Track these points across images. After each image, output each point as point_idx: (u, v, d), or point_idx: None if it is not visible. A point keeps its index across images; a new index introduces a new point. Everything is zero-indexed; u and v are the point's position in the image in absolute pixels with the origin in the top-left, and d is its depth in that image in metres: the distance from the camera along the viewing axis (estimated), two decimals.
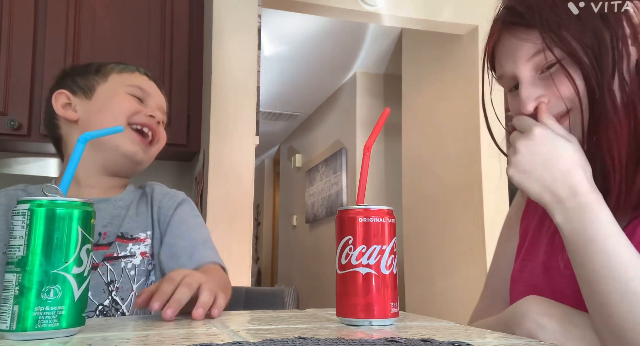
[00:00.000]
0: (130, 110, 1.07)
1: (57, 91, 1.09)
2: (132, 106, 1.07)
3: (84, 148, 0.61)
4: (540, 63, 0.74)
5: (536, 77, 0.76)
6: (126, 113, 1.06)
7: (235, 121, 1.96)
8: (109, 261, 1.00)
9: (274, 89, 4.79)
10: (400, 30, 3.68)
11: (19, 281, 0.51)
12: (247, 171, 1.95)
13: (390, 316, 0.60)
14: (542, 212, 0.84)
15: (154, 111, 1.10)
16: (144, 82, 1.13)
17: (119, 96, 1.08)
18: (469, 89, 2.73)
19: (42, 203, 0.53)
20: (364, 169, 0.64)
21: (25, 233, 0.52)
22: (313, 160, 5.40)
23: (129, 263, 1.02)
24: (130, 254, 1.03)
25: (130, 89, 1.09)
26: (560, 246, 0.77)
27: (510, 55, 0.77)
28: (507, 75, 0.79)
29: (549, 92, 0.74)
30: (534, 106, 0.75)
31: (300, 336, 0.50)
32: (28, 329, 0.50)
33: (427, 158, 3.20)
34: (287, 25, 3.59)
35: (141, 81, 1.12)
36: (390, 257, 0.61)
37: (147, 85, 1.12)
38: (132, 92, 1.09)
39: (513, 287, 0.84)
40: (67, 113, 1.07)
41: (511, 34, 0.76)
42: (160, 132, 1.12)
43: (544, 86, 0.75)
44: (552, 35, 0.72)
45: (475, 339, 0.51)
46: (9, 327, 0.50)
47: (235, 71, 1.99)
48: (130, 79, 1.11)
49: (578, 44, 0.71)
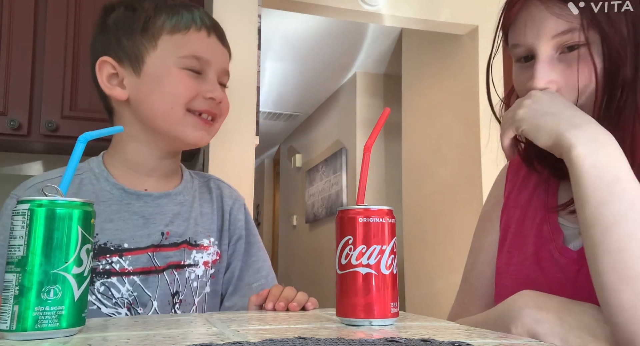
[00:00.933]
0: (186, 96, 0.91)
1: (101, 59, 0.92)
2: (188, 89, 0.91)
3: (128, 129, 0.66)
4: (565, 42, 0.71)
5: (555, 57, 0.72)
6: (182, 100, 0.90)
7: (235, 121, 1.96)
8: (176, 269, 0.92)
9: (274, 89, 4.79)
10: (400, 31, 3.68)
11: (19, 281, 0.51)
12: (247, 171, 1.95)
13: (390, 316, 0.60)
14: (525, 202, 0.83)
15: (214, 89, 0.93)
16: (201, 44, 0.93)
17: (172, 74, 0.90)
18: (469, 89, 2.72)
19: (42, 202, 0.52)
20: (364, 169, 0.64)
21: (26, 233, 0.52)
22: (313, 160, 5.40)
23: (192, 273, 0.94)
24: (194, 264, 0.94)
25: (184, 61, 0.91)
26: (551, 235, 0.76)
27: (535, 26, 0.72)
28: (523, 46, 0.75)
29: (563, 79, 0.72)
30: (545, 85, 0.72)
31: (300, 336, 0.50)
32: (28, 329, 0.50)
33: (427, 158, 3.20)
34: (287, 25, 3.59)
35: (198, 43, 0.93)
36: (390, 257, 0.61)
37: (205, 48, 0.93)
38: (188, 66, 0.91)
39: (499, 281, 0.83)
40: (115, 91, 0.92)
41: (543, 4, 0.71)
42: (223, 106, 0.97)
43: (561, 70, 0.72)
44: (592, 18, 0.68)
45: (476, 339, 0.51)
46: (9, 327, 0.50)
47: (235, 71, 1.98)
48: (184, 43, 0.92)
49: (616, 33, 0.68)
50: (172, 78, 0.90)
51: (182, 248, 0.93)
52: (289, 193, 6.36)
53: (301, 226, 5.72)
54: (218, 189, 1.05)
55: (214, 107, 0.94)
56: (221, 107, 0.96)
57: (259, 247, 1.05)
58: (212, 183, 1.06)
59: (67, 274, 0.52)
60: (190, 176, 1.04)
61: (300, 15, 2.85)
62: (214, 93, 0.93)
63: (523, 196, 0.85)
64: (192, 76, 0.92)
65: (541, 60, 0.72)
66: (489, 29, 2.76)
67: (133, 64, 0.91)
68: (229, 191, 1.06)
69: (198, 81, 0.92)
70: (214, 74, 0.94)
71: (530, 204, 0.83)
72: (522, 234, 0.81)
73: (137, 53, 0.91)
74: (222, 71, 0.97)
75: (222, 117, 0.98)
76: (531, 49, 0.74)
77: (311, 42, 3.87)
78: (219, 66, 0.95)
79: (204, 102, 0.93)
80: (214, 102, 0.94)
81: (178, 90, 0.90)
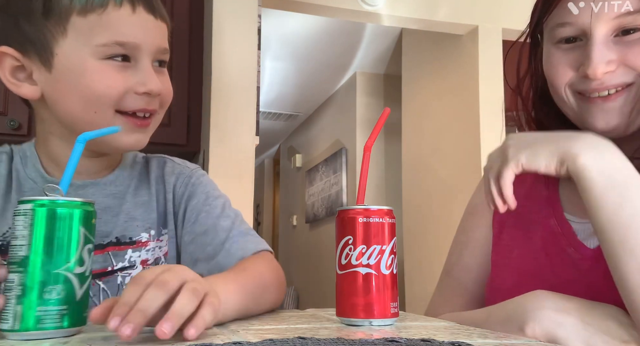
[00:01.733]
0: (112, 96, 0.72)
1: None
2: (113, 87, 0.72)
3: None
4: (623, 25, 0.68)
5: (610, 40, 0.69)
6: (107, 102, 0.72)
7: (235, 121, 1.96)
8: (100, 278, 0.76)
9: (274, 89, 4.79)
10: (400, 30, 3.68)
11: (22, 281, 0.51)
12: (247, 171, 1.95)
13: (390, 316, 0.60)
14: (524, 196, 0.79)
15: (148, 81, 0.74)
16: (125, 25, 0.72)
17: (91, 68, 0.71)
18: (469, 89, 2.72)
19: (44, 203, 0.53)
20: (364, 169, 0.64)
21: (28, 233, 0.52)
22: (313, 160, 5.40)
23: (127, 276, 0.77)
24: (130, 265, 0.78)
25: (105, 50, 0.71)
26: (560, 230, 0.74)
27: (594, 5, 0.68)
28: (574, 25, 0.70)
29: (619, 59, 0.68)
30: (604, 71, 0.68)
31: (300, 336, 0.50)
32: (30, 329, 0.50)
33: (427, 158, 3.20)
34: (287, 25, 3.59)
35: (120, 24, 0.72)
36: (390, 257, 0.61)
37: (130, 29, 0.72)
38: (110, 55, 0.71)
39: (497, 273, 0.81)
40: (23, 89, 0.73)
41: None
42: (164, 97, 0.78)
43: (617, 51, 0.69)
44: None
45: (476, 339, 0.51)
46: (11, 327, 0.50)
47: (235, 71, 1.99)
48: (101, 27, 0.71)
49: None
50: (91, 74, 0.71)
51: (107, 251, 0.77)
52: (289, 193, 6.35)
53: (301, 226, 5.72)
54: (159, 168, 0.87)
55: (151, 102, 0.76)
56: (161, 99, 0.78)
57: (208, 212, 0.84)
58: (155, 163, 0.87)
59: (69, 274, 0.53)
60: (133, 161, 0.86)
61: (300, 15, 2.85)
62: (148, 86, 0.73)
63: (520, 191, 0.84)
64: (118, 67, 0.72)
65: (597, 42, 0.68)
66: (489, 29, 2.76)
67: (40, 55, 0.72)
68: (171, 167, 0.87)
69: (127, 73, 0.73)
70: (147, 58, 0.74)
71: (529, 198, 0.81)
72: (524, 228, 0.80)
73: (42, 41, 0.71)
74: (159, 50, 0.76)
75: (163, 108, 0.80)
76: (583, 29, 0.70)
77: (311, 42, 3.87)
78: (153, 47, 0.75)
79: (137, 100, 0.74)
80: (149, 98, 0.75)
81: (100, 89, 0.71)
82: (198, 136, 1.98)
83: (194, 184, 0.86)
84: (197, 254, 0.82)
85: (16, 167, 0.79)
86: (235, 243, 0.80)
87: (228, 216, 0.84)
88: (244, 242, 0.81)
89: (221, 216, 0.83)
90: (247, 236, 0.82)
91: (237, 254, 0.79)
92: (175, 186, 0.85)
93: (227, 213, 0.85)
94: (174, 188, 0.85)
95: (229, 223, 0.83)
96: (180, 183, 0.86)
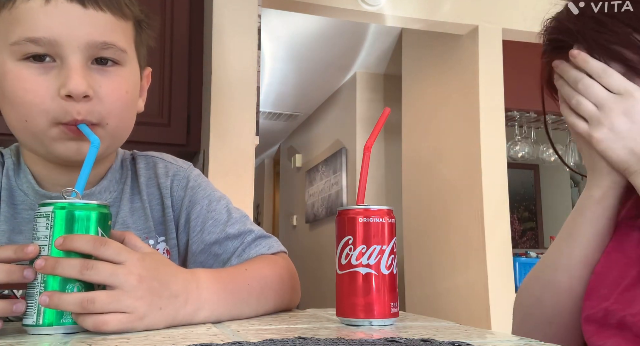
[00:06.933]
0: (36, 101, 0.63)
1: None
2: (32, 92, 0.63)
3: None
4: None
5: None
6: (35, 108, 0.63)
7: (235, 121, 1.96)
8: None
9: (274, 89, 4.79)
10: (401, 30, 3.68)
11: (44, 279, 0.54)
12: (247, 171, 1.95)
13: (390, 316, 0.60)
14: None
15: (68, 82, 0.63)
16: (37, 19, 0.62)
17: (10, 72, 0.63)
18: (469, 89, 2.73)
19: (63, 205, 0.56)
20: (364, 169, 0.64)
21: (49, 233, 0.55)
22: (313, 160, 5.40)
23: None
24: None
25: (19, 49, 0.62)
26: None
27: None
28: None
29: None
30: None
31: (300, 336, 0.50)
32: (54, 324, 0.54)
33: (427, 158, 3.20)
34: (287, 25, 3.59)
35: (30, 18, 0.62)
36: (390, 257, 0.61)
37: (43, 23, 0.62)
38: (25, 53, 0.63)
39: (598, 281, 0.70)
40: None
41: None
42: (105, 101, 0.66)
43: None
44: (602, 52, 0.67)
45: (476, 339, 0.51)
46: (35, 322, 0.54)
47: (235, 71, 1.99)
48: (12, 22, 0.62)
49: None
50: (11, 78, 0.63)
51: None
52: (289, 193, 6.36)
53: (301, 226, 5.72)
54: (149, 170, 0.80)
55: (82, 110, 0.64)
56: (102, 106, 0.66)
57: (214, 219, 0.80)
58: (143, 163, 0.80)
59: None
60: (120, 165, 0.80)
61: (300, 15, 2.85)
62: (68, 87, 0.62)
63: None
64: (38, 69, 0.63)
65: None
66: (489, 29, 2.77)
67: None
68: (163, 168, 0.80)
69: (49, 75, 0.64)
70: (74, 56, 0.64)
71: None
72: (627, 233, 0.71)
73: None
74: (93, 45, 0.65)
75: (110, 116, 0.68)
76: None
77: (311, 42, 3.87)
78: (80, 42, 0.64)
79: (62, 107, 0.64)
80: (74, 102, 0.64)
81: (20, 94, 0.63)
82: (198, 136, 1.98)
83: (192, 187, 0.81)
84: (209, 263, 0.79)
85: (7, 173, 0.75)
86: (248, 249, 0.78)
87: (235, 221, 0.81)
88: (256, 249, 0.79)
89: (228, 223, 0.80)
90: (259, 240, 0.80)
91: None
92: (172, 189, 0.80)
93: (234, 217, 0.81)
94: (171, 191, 0.80)
95: (238, 229, 0.80)
96: (177, 186, 0.81)
